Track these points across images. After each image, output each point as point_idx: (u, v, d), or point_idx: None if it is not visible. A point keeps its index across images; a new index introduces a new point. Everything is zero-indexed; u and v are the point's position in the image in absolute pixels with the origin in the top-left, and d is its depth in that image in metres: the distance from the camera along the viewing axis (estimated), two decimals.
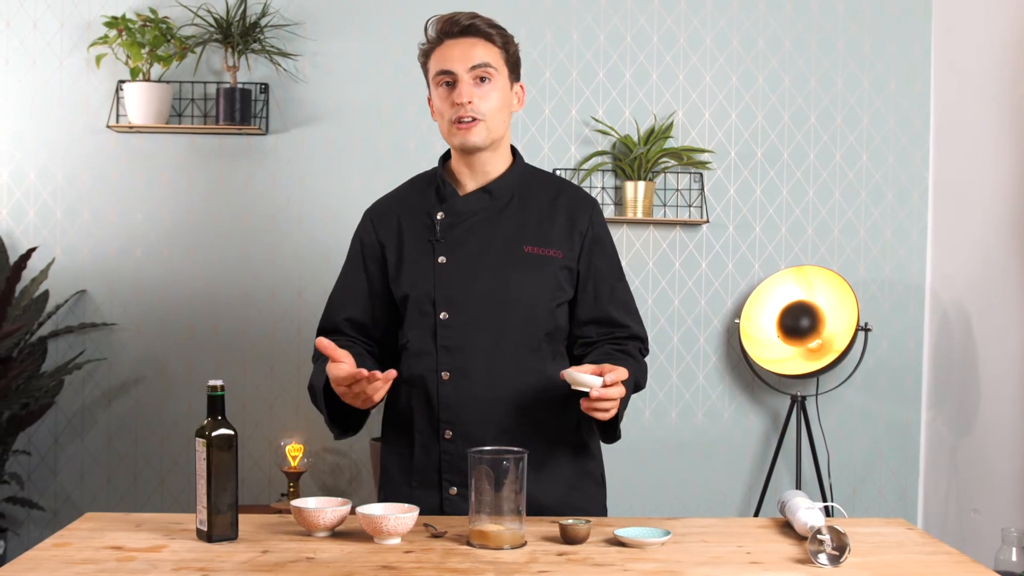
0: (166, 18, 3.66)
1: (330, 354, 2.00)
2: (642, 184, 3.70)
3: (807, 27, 3.85)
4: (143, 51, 3.60)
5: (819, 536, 1.78)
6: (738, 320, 3.75)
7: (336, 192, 3.77)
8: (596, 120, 3.81)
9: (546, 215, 2.21)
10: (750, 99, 3.85)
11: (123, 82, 3.67)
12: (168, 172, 3.77)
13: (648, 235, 3.84)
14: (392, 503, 2.01)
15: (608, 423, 2.09)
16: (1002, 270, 3.40)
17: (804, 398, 3.71)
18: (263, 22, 3.70)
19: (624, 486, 3.71)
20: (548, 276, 2.16)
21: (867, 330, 3.72)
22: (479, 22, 2.16)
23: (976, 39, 3.59)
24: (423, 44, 2.20)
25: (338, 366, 2.00)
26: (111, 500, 3.77)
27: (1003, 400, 3.39)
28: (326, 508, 1.91)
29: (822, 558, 1.77)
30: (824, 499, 3.65)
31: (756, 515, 3.74)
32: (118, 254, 3.77)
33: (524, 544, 1.85)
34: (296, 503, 1.94)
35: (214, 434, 1.86)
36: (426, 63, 2.20)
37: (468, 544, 1.85)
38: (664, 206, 3.83)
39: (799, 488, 3.71)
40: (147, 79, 3.64)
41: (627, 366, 2.03)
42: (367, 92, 3.79)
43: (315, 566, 1.73)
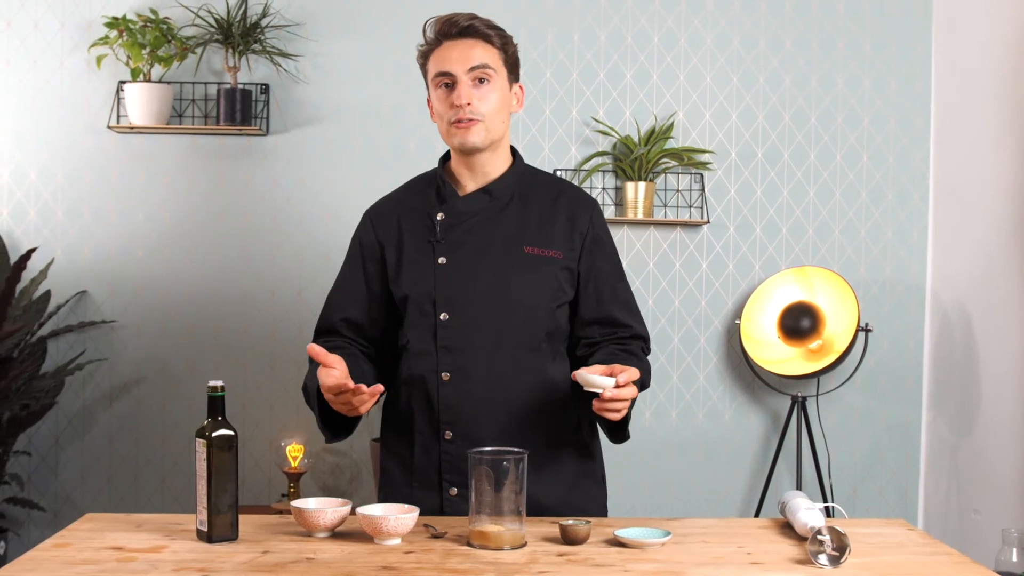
0: (167, 19, 3.66)
1: (321, 360, 1.99)
2: (643, 185, 3.70)
3: (808, 27, 3.85)
4: (144, 52, 3.60)
5: (819, 537, 1.78)
6: (739, 321, 3.75)
7: (336, 192, 3.77)
8: (597, 120, 3.81)
9: (546, 216, 2.21)
10: (751, 99, 3.85)
11: (124, 82, 3.68)
12: (169, 173, 3.77)
13: (649, 236, 3.84)
14: (392, 504, 2.01)
15: (618, 423, 2.09)
16: (1003, 270, 3.40)
17: (805, 399, 3.71)
18: (264, 23, 3.70)
19: (625, 486, 3.71)
20: (548, 277, 2.16)
21: (868, 330, 3.72)
22: (478, 23, 2.16)
23: (977, 38, 3.59)
24: (422, 45, 2.20)
25: (328, 372, 1.99)
26: (112, 501, 3.77)
27: (1004, 400, 3.39)
28: (326, 509, 1.91)
29: (822, 559, 1.77)
30: (824, 500, 3.65)
31: (757, 516, 3.74)
32: (119, 254, 3.77)
33: (524, 545, 1.85)
34: (296, 503, 1.94)
35: (214, 434, 1.86)
36: (425, 64, 2.20)
37: (468, 545, 1.85)
38: (665, 207, 3.83)
39: (799, 489, 3.71)
40: (148, 80, 3.64)
41: (634, 366, 2.04)
42: (368, 93, 3.79)
43: (315, 566, 1.73)
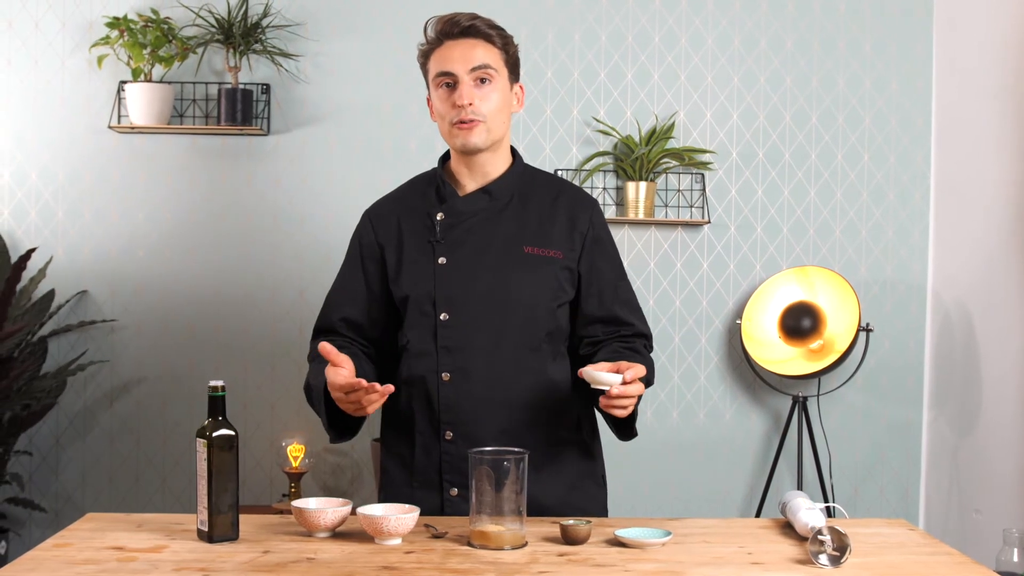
0: (168, 19, 3.66)
1: (332, 359, 2.00)
2: (643, 184, 3.70)
3: (809, 27, 3.85)
4: (145, 52, 3.60)
5: (820, 537, 1.78)
6: (739, 321, 3.75)
7: (337, 192, 3.77)
8: (597, 120, 3.81)
9: (546, 215, 2.21)
10: (752, 99, 3.85)
11: (125, 83, 3.68)
12: (169, 173, 3.77)
13: (649, 235, 3.84)
14: (393, 504, 2.01)
15: (625, 420, 2.09)
16: (1004, 270, 3.40)
17: (805, 398, 3.71)
18: (264, 23, 3.70)
19: (625, 486, 3.71)
20: (548, 276, 2.16)
21: (868, 330, 3.72)
22: (479, 23, 2.16)
23: (977, 38, 3.59)
24: (422, 44, 2.20)
25: (337, 371, 1.99)
26: (113, 501, 3.77)
27: (1005, 400, 3.39)
28: (327, 509, 1.91)
29: (823, 559, 1.77)
30: (825, 499, 3.65)
31: (758, 515, 3.74)
32: (119, 254, 3.77)
33: (525, 545, 1.85)
34: (297, 503, 1.94)
35: (215, 434, 1.86)
36: (426, 64, 2.20)
37: (469, 545, 1.85)
38: (665, 207, 3.83)
39: (800, 488, 3.71)
40: (149, 80, 3.64)
41: (639, 363, 2.04)
42: (368, 92, 3.79)
43: (316, 566, 1.73)
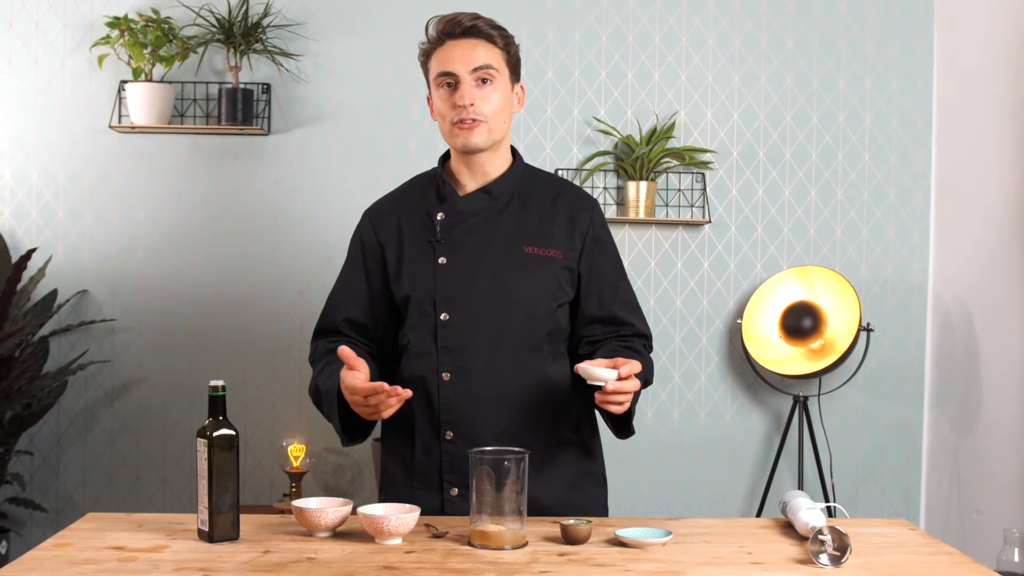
0: (168, 18, 3.66)
1: (351, 363, 2.00)
2: (644, 184, 3.70)
3: (809, 27, 3.85)
4: (145, 51, 3.60)
5: (820, 536, 1.78)
6: (740, 320, 3.75)
7: (338, 192, 3.77)
8: (598, 120, 3.81)
9: (546, 215, 2.21)
10: (752, 99, 3.85)
11: (125, 82, 3.68)
12: (170, 172, 3.77)
13: (650, 235, 3.84)
14: (393, 503, 2.01)
15: (622, 418, 2.09)
16: (1004, 270, 3.40)
17: (806, 398, 3.71)
18: (265, 22, 3.70)
19: (626, 486, 3.71)
20: (548, 276, 2.16)
21: (869, 330, 3.72)
22: (481, 23, 2.16)
23: (978, 38, 3.59)
24: (424, 43, 2.20)
25: (354, 375, 2.00)
26: (113, 500, 3.77)
27: (1005, 400, 3.39)
28: (327, 508, 1.91)
29: (823, 558, 1.77)
30: (826, 499, 3.65)
31: (758, 515, 3.74)
32: (120, 254, 3.77)
33: (525, 544, 1.85)
34: (297, 503, 1.94)
35: (215, 434, 1.86)
36: (427, 63, 2.19)
37: (469, 544, 1.85)
38: (666, 206, 3.83)
39: (801, 488, 3.71)
40: (149, 79, 3.65)
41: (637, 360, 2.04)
42: (369, 92, 3.79)
43: (316, 566, 1.73)
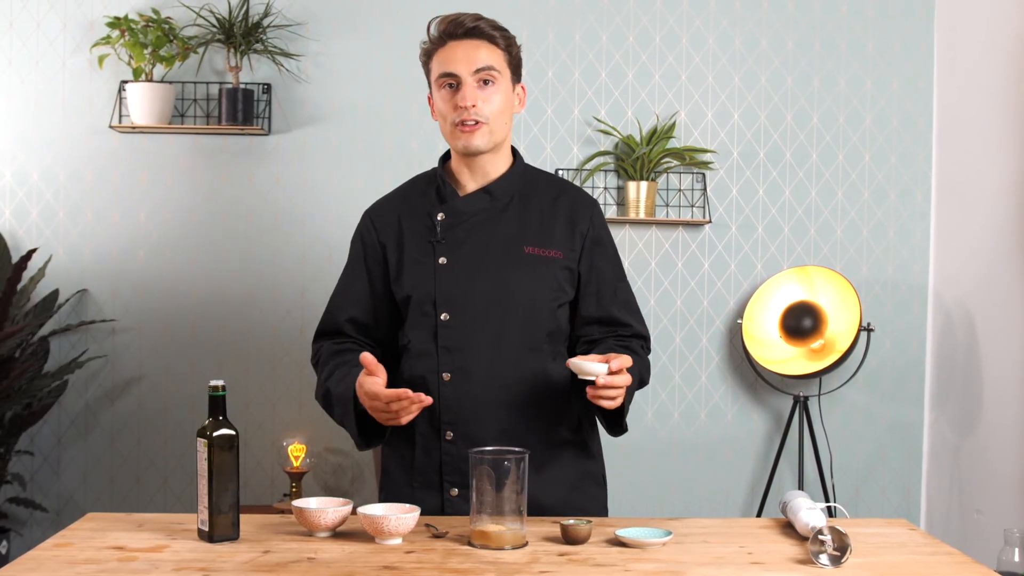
0: (168, 18, 3.66)
1: (371, 368, 2.00)
2: (644, 184, 3.70)
3: (810, 27, 3.85)
4: (146, 51, 3.60)
5: (820, 536, 1.78)
6: (740, 320, 3.75)
7: (338, 192, 3.77)
8: (598, 120, 3.81)
9: (547, 216, 2.21)
10: (752, 99, 3.85)
11: (126, 82, 3.68)
12: (171, 172, 3.77)
13: (650, 235, 3.84)
14: (393, 503, 2.01)
15: (614, 414, 2.09)
16: (1005, 270, 3.40)
17: (807, 398, 3.70)
18: (265, 22, 3.70)
19: (626, 486, 3.71)
20: (548, 277, 2.16)
21: (870, 330, 3.72)
22: (483, 24, 2.16)
23: (979, 38, 3.59)
24: (425, 43, 2.19)
25: (373, 380, 2.00)
26: (114, 500, 3.77)
27: (1006, 400, 3.39)
28: (327, 508, 1.91)
29: (823, 558, 1.77)
30: (827, 499, 3.65)
31: (759, 515, 3.74)
32: (120, 254, 3.77)
33: (525, 544, 1.85)
34: (297, 503, 1.94)
35: (215, 434, 1.86)
36: (428, 63, 2.19)
37: (469, 544, 1.85)
38: (666, 206, 3.83)
39: (801, 488, 3.70)
40: (150, 79, 3.65)
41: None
42: (370, 92, 3.79)
43: (316, 566, 1.73)
